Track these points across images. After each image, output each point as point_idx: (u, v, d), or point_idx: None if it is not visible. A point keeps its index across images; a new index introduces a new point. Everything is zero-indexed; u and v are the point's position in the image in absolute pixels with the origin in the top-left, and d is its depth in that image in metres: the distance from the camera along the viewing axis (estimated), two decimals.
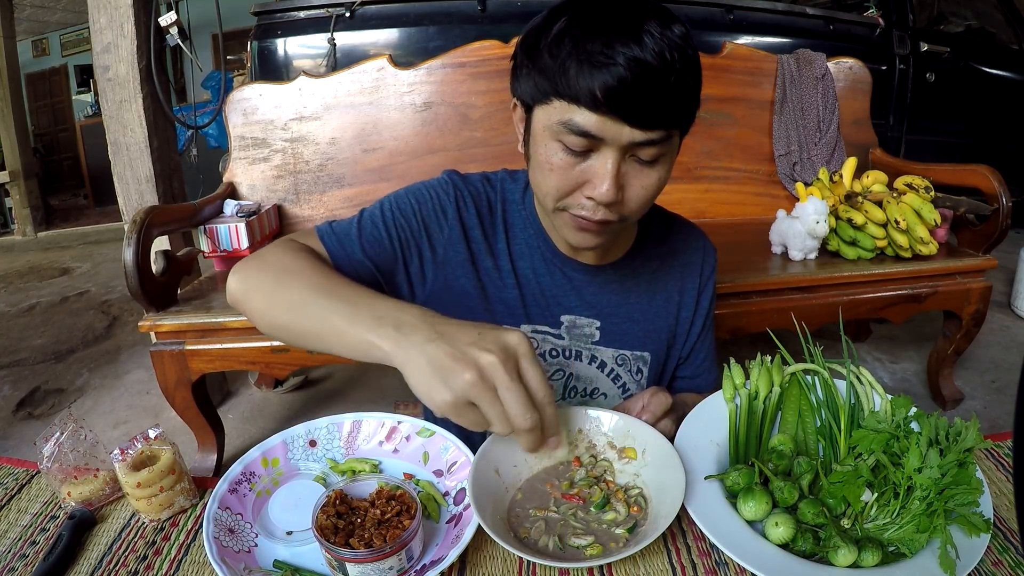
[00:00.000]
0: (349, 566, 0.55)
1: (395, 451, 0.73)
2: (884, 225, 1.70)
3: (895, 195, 1.74)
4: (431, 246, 0.79)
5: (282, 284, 0.64)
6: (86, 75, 7.27)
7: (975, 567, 0.54)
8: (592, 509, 0.63)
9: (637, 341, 0.86)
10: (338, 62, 2.17)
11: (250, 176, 1.95)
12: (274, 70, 2.25)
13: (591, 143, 0.63)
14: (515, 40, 0.70)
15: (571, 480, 0.67)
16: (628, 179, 0.65)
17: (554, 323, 0.83)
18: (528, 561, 0.60)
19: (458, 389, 0.50)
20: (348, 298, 0.59)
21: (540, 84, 0.63)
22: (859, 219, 1.69)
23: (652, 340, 0.87)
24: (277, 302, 0.64)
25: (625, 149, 0.63)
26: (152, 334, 1.51)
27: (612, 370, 0.86)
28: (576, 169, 0.65)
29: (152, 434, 0.69)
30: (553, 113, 0.63)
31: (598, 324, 0.84)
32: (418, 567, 0.58)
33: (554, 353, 0.84)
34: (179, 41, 1.83)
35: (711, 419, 0.73)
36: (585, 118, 0.61)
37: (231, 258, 1.75)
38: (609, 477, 0.67)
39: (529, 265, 0.82)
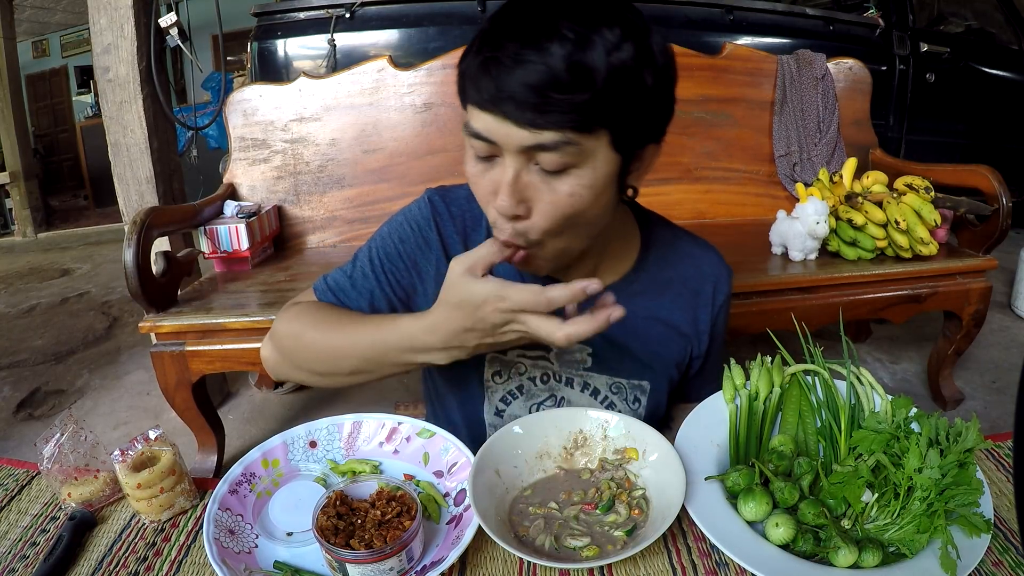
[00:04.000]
0: (349, 567, 0.55)
1: (395, 452, 0.73)
2: (884, 225, 1.70)
3: (895, 195, 1.74)
4: (421, 279, 0.78)
5: (322, 360, 0.72)
6: (86, 76, 7.28)
7: (975, 567, 0.54)
8: (597, 511, 0.63)
9: (634, 370, 0.81)
10: (338, 63, 2.17)
11: (250, 177, 1.95)
12: (274, 71, 2.25)
13: (491, 148, 0.60)
14: None
15: (596, 488, 0.66)
16: (532, 191, 0.60)
17: (543, 347, 0.79)
18: (528, 561, 0.60)
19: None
20: (377, 345, 0.67)
21: (459, 91, 0.62)
22: (859, 219, 1.69)
23: (651, 369, 0.82)
24: (329, 373, 0.73)
25: (525, 156, 0.58)
26: (152, 335, 1.51)
27: (606, 397, 0.82)
28: (486, 177, 0.62)
29: (152, 435, 0.69)
30: (465, 118, 0.61)
31: (589, 350, 0.80)
32: (418, 568, 0.58)
33: (545, 378, 0.81)
34: (179, 42, 1.83)
35: (711, 420, 0.73)
36: (478, 119, 0.58)
37: (231, 259, 1.75)
38: (631, 477, 0.67)
39: None
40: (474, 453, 0.66)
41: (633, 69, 0.56)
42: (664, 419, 0.93)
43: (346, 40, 2.20)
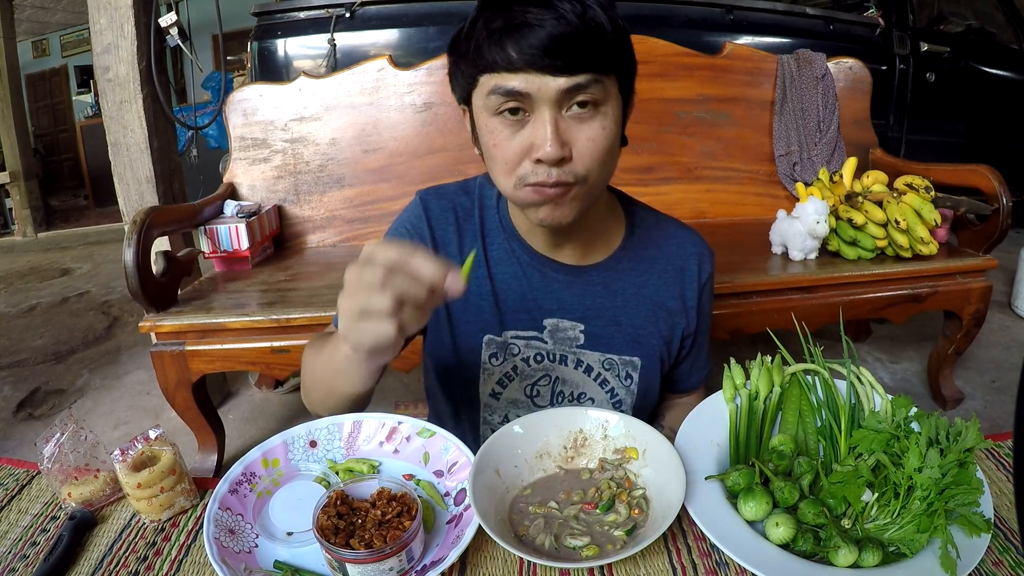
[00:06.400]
0: (349, 567, 0.55)
1: (395, 452, 0.73)
2: (884, 225, 1.70)
3: (895, 195, 1.74)
4: None
5: (306, 385, 0.78)
6: (86, 76, 7.28)
7: (976, 567, 0.54)
8: (597, 510, 0.63)
9: (625, 346, 0.84)
10: (338, 63, 2.17)
11: (250, 177, 1.95)
12: (274, 71, 2.25)
13: (523, 103, 0.64)
14: None
15: (596, 487, 0.66)
16: (571, 134, 0.65)
17: (537, 327, 0.82)
18: (528, 561, 0.60)
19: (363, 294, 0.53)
20: (331, 346, 0.68)
21: (466, 71, 0.67)
22: (859, 219, 1.69)
23: (642, 345, 0.85)
24: (313, 397, 0.77)
25: (558, 103, 0.64)
26: (152, 335, 1.51)
27: (599, 374, 0.85)
28: (517, 138, 0.66)
29: (152, 435, 0.69)
30: (483, 90, 0.66)
31: (582, 327, 0.83)
32: (418, 568, 0.58)
33: (539, 358, 0.84)
34: (179, 42, 1.83)
35: (711, 419, 0.73)
36: (508, 79, 0.63)
37: (231, 259, 1.75)
38: (631, 477, 0.67)
39: (507, 270, 0.82)
40: (472, 442, 0.66)
41: (621, 28, 0.66)
42: (656, 407, 0.95)
43: (346, 40, 2.20)
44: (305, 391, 0.79)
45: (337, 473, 0.70)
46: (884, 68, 2.82)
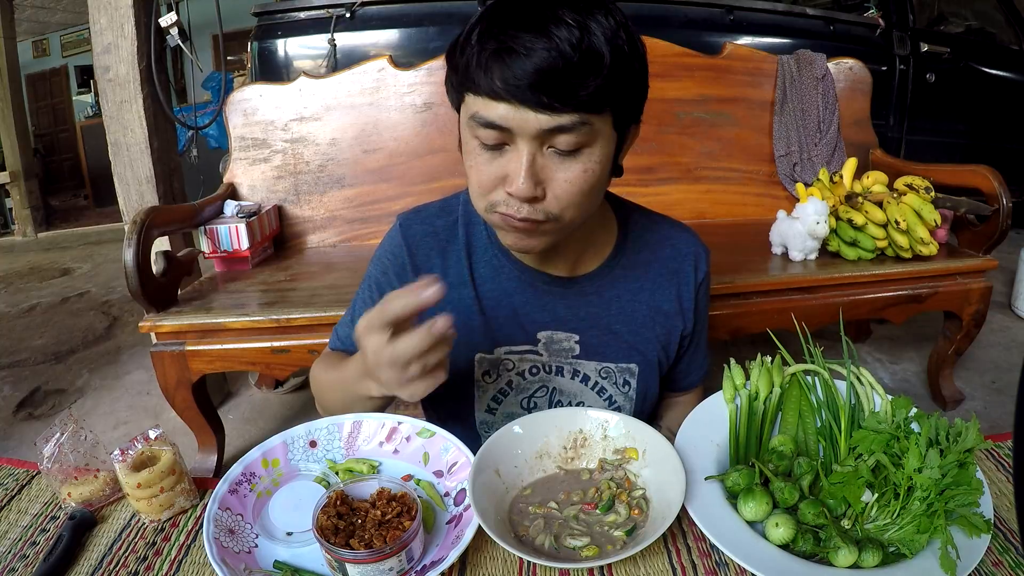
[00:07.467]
0: (349, 567, 0.55)
1: (395, 452, 0.73)
2: (884, 226, 1.70)
3: (895, 195, 1.74)
4: None
5: (322, 403, 0.86)
6: (86, 75, 7.29)
7: (975, 567, 0.54)
8: (597, 510, 0.63)
9: (621, 353, 0.83)
10: (338, 63, 2.17)
11: (250, 177, 1.95)
12: (274, 71, 2.25)
13: (503, 136, 0.61)
14: None
15: (596, 487, 0.66)
16: (548, 173, 0.62)
17: (532, 340, 0.81)
18: (528, 561, 0.60)
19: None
20: (344, 381, 0.74)
21: (456, 84, 0.64)
22: (859, 220, 1.69)
23: (638, 351, 0.83)
24: (336, 409, 0.79)
25: (539, 140, 0.60)
26: (152, 335, 1.51)
27: (596, 383, 0.84)
28: (494, 164, 0.63)
29: (152, 435, 0.69)
30: (467, 110, 0.63)
31: (577, 338, 0.82)
32: (418, 568, 0.58)
33: (535, 370, 0.83)
34: (179, 42, 1.83)
35: (711, 419, 0.73)
36: (490, 108, 0.59)
37: (231, 259, 1.75)
38: (631, 477, 0.67)
39: (496, 287, 0.80)
40: (474, 452, 0.66)
41: (628, 55, 0.60)
42: (656, 407, 0.94)
43: (346, 40, 2.20)
44: (320, 403, 0.86)
45: (337, 473, 0.70)
46: (884, 68, 2.82)
